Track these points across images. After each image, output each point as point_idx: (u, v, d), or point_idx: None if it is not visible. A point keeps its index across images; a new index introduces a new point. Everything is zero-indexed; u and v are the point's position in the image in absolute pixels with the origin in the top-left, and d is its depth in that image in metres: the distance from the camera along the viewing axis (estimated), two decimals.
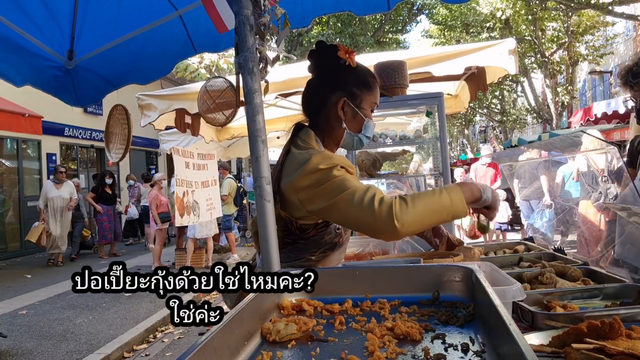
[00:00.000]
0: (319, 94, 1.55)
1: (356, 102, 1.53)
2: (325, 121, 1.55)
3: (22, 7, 2.12)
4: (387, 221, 1.21)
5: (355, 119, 1.54)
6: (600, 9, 12.93)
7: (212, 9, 1.68)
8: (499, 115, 25.35)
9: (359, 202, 1.25)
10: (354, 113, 1.53)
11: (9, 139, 11.08)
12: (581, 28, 16.91)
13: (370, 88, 1.55)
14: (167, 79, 14.32)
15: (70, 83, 2.55)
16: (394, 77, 3.27)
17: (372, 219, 1.23)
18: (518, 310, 1.39)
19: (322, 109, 1.55)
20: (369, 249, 2.35)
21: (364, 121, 1.54)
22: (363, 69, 1.56)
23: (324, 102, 1.54)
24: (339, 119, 1.53)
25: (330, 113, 1.53)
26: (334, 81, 1.53)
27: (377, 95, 1.58)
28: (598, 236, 2.13)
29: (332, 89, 1.53)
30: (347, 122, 1.53)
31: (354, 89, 1.52)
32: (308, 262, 1.49)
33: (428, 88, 4.75)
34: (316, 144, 1.51)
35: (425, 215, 1.24)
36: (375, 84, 1.57)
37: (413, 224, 1.23)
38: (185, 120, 4.77)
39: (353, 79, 1.52)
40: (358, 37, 16.87)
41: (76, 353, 4.58)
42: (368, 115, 1.55)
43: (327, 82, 1.55)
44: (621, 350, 0.93)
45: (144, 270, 8.74)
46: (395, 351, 0.82)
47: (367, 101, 1.55)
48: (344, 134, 1.54)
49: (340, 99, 1.51)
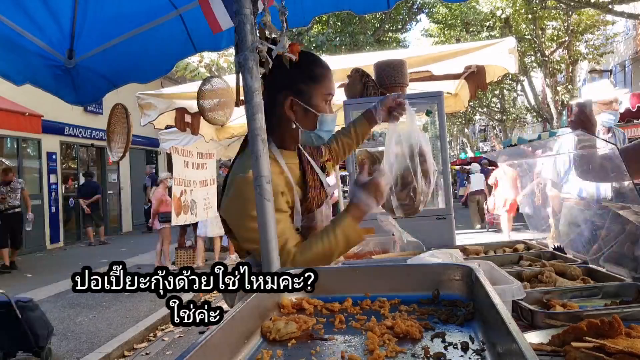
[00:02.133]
0: (266, 97, 1.44)
1: (305, 98, 1.45)
2: (277, 124, 1.48)
3: (22, 6, 2.12)
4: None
5: (307, 117, 1.47)
6: (600, 8, 12.92)
7: (208, 8, 1.68)
8: (498, 114, 25.35)
9: None
10: (304, 110, 1.46)
11: (9, 137, 11.09)
12: (581, 27, 16.91)
13: (317, 80, 1.47)
14: (167, 78, 14.31)
15: (71, 82, 2.55)
16: (394, 76, 3.27)
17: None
18: (517, 309, 1.39)
19: (272, 112, 1.46)
20: (369, 247, 2.35)
21: (317, 117, 1.46)
22: (308, 61, 1.47)
23: (272, 104, 1.47)
24: (288, 119, 1.46)
25: (280, 114, 1.47)
26: (278, 81, 1.46)
27: (328, 85, 1.50)
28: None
29: (277, 89, 1.46)
30: (299, 121, 1.46)
31: (299, 85, 1.45)
32: None
33: (428, 87, 4.74)
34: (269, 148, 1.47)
35: (326, 261, 1.39)
36: (324, 74, 1.49)
37: None
38: (185, 120, 4.77)
39: (297, 75, 1.44)
40: (358, 36, 16.85)
41: (76, 352, 4.59)
42: (322, 109, 1.47)
43: (271, 83, 1.47)
44: (621, 348, 0.93)
45: (144, 268, 8.75)
46: (395, 350, 0.82)
47: (318, 94, 1.47)
48: (298, 132, 1.48)
49: (287, 99, 1.45)
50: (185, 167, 7.08)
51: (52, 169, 12.31)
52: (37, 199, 11.74)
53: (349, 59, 4.69)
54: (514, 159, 2.87)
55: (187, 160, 7.12)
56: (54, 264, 9.64)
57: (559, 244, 2.25)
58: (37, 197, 11.80)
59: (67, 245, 12.66)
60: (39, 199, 11.83)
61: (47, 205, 12.10)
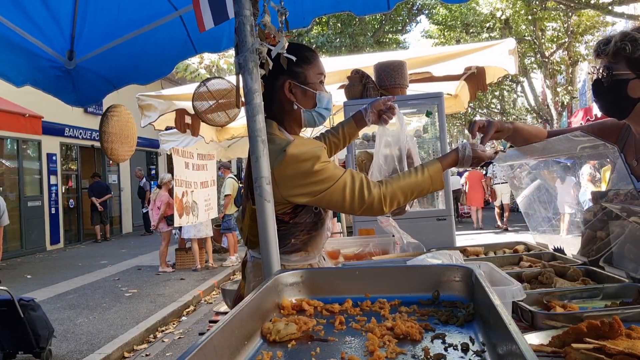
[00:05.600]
0: (266, 85, 1.55)
1: (301, 79, 1.55)
2: (279, 108, 1.58)
3: (23, 8, 2.12)
4: (377, 208, 1.45)
5: (306, 96, 1.57)
6: (600, 9, 12.92)
7: (197, 7, 1.68)
8: (498, 115, 25.34)
9: (350, 193, 1.44)
10: (302, 91, 1.56)
11: (9, 139, 11.09)
12: (581, 28, 16.90)
13: (309, 61, 1.57)
14: (168, 79, 14.32)
15: (71, 83, 2.55)
16: (394, 77, 3.27)
17: (364, 207, 1.45)
18: (518, 310, 1.39)
19: (273, 97, 1.58)
20: (369, 248, 2.36)
21: (315, 95, 1.56)
22: (296, 46, 1.56)
23: (273, 90, 1.57)
24: (290, 101, 1.56)
25: (281, 99, 1.57)
26: (274, 68, 1.52)
27: (319, 65, 1.61)
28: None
29: (274, 76, 1.54)
30: (299, 102, 1.56)
31: (294, 68, 1.53)
32: (294, 247, 1.54)
33: (428, 88, 4.75)
34: (279, 132, 1.55)
35: (407, 196, 1.48)
36: (314, 56, 1.60)
37: (397, 204, 1.48)
38: (185, 121, 4.77)
39: (288, 60, 1.51)
40: (358, 37, 16.85)
41: (77, 353, 4.59)
42: (318, 88, 1.58)
43: (268, 71, 1.57)
44: (621, 350, 0.93)
45: (144, 270, 8.75)
46: (395, 351, 0.82)
47: (312, 74, 1.57)
48: (301, 113, 1.57)
49: (285, 82, 1.54)
50: (186, 168, 7.08)
51: (52, 170, 12.31)
52: (37, 200, 11.75)
53: (349, 60, 4.69)
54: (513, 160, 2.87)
55: (188, 162, 7.13)
56: (54, 265, 9.64)
57: (559, 245, 2.25)
58: (37, 198, 11.80)
59: (68, 246, 12.66)
60: (39, 200, 11.83)
61: (47, 206, 12.10)
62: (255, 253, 1.64)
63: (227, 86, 4.19)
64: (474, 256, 2.25)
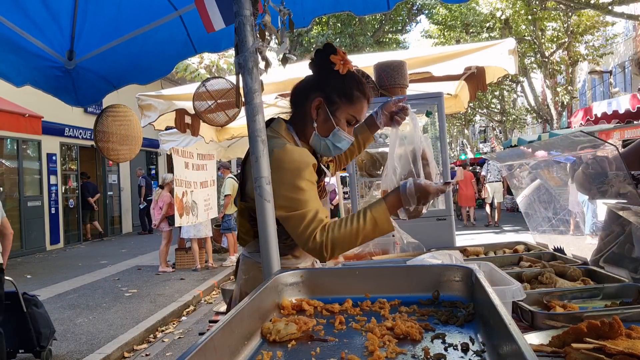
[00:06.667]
0: (304, 89, 1.59)
1: (332, 108, 1.54)
2: (300, 116, 1.59)
3: (22, 7, 2.12)
4: (319, 254, 1.40)
5: (326, 123, 1.54)
6: (600, 9, 12.92)
7: (203, 8, 1.68)
8: (498, 115, 25.35)
9: (304, 229, 1.39)
10: (326, 117, 1.54)
11: (9, 139, 11.08)
12: (581, 28, 16.90)
13: (351, 101, 1.54)
14: (167, 79, 14.32)
15: (71, 83, 2.55)
16: (394, 77, 3.27)
17: (307, 248, 1.41)
18: (518, 310, 1.39)
19: (301, 103, 1.58)
20: (369, 249, 2.36)
21: (334, 128, 1.54)
22: (353, 80, 1.55)
23: (305, 97, 1.57)
24: (311, 117, 1.55)
25: (306, 109, 1.56)
26: (318, 81, 1.56)
27: (358, 110, 1.56)
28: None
29: (313, 88, 1.56)
30: (317, 123, 1.55)
31: (332, 95, 1.53)
32: (281, 250, 1.48)
33: (428, 88, 4.74)
34: (286, 134, 1.55)
35: (352, 243, 1.42)
36: (359, 100, 1.55)
37: (341, 251, 1.43)
38: (185, 121, 4.76)
39: (336, 85, 1.53)
40: (358, 37, 16.85)
41: (76, 353, 4.59)
42: (341, 125, 1.55)
43: (313, 80, 1.59)
44: (621, 349, 0.93)
45: (144, 269, 8.75)
46: (395, 351, 0.82)
47: (344, 112, 1.54)
48: (313, 132, 1.56)
49: (317, 99, 1.54)
50: (186, 168, 7.07)
51: (52, 170, 12.30)
52: (37, 200, 11.74)
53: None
54: (513, 159, 2.87)
55: (188, 162, 7.12)
56: (54, 265, 9.63)
57: (559, 245, 2.25)
58: (37, 198, 11.79)
59: (67, 246, 12.65)
60: (39, 200, 11.82)
61: (47, 206, 12.09)
62: (245, 251, 1.65)
63: (227, 86, 4.19)
64: (474, 256, 2.25)
